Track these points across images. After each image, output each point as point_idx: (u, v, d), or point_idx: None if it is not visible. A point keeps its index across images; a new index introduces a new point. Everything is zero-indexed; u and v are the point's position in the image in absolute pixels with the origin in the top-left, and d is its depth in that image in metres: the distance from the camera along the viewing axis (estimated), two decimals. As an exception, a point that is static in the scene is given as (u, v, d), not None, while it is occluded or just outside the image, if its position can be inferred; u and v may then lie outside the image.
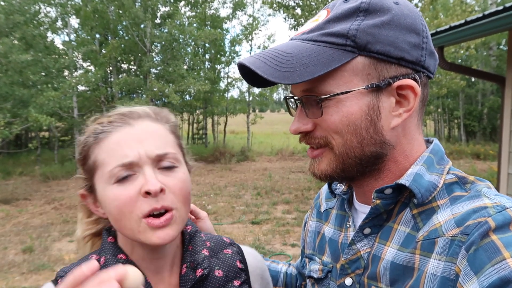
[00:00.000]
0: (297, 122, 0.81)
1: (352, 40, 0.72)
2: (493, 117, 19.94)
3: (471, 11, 14.68)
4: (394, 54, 0.73)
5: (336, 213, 0.98)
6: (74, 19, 15.42)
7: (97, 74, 13.08)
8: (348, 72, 0.73)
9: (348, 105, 0.74)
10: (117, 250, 0.90)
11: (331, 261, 0.92)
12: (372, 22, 0.72)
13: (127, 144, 0.82)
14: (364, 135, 0.75)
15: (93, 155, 0.86)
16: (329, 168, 0.80)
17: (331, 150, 0.78)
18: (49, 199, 9.83)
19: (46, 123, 10.93)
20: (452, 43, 4.94)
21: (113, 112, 0.91)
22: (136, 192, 0.80)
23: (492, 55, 19.26)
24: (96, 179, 0.86)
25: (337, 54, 0.72)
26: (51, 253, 6.14)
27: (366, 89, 0.73)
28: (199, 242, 0.97)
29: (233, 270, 0.98)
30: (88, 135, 0.88)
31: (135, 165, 0.81)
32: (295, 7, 14.07)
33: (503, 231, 0.62)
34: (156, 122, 0.89)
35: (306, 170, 13.68)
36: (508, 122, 4.60)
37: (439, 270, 0.67)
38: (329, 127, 0.76)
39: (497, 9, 3.77)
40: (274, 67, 0.73)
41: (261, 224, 7.57)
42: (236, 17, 19.33)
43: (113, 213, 0.82)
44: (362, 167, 0.78)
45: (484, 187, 0.73)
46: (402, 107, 0.76)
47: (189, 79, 14.18)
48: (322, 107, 0.75)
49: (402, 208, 0.78)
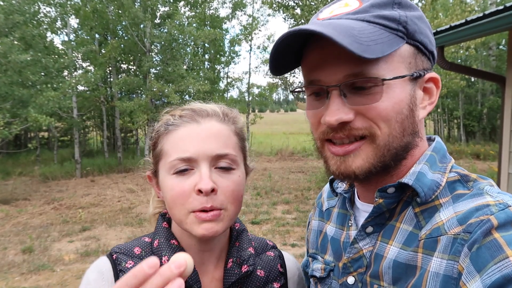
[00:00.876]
0: (338, 111, 0.71)
1: (404, 26, 0.72)
2: (493, 117, 19.95)
3: (470, 11, 14.68)
4: (429, 47, 0.77)
5: (338, 211, 0.97)
6: (73, 19, 15.43)
7: (96, 74, 13.08)
8: (397, 58, 0.72)
9: (398, 92, 0.72)
10: (170, 235, 0.96)
11: (333, 260, 0.92)
12: (413, 14, 0.74)
13: (190, 140, 0.88)
14: (406, 124, 0.74)
15: (160, 144, 0.93)
16: (367, 163, 0.74)
17: (372, 141, 0.73)
18: (49, 199, 9.83)
19: (45, 123, 10.94)
20: (452, 42, 4.93)
21: (187, 106, 0.96)
22: (190, 187, 0.85)
23: (491, 55, 19.27)
24: (160, 166, 0.93)
25: (392, 37, 0.71)
26: (51, 253, 6.13)
27: (411, 77, 0.74)
28: (246, 240, 1.01)
29: (274, 272, 1.02)
30: (161, 125, 0.95)
31: (193, 161, 0.86)
32: (295, 7, 14.07)
33: (506, 229, 0.61)
34: (222, 122, 0.93)
35: (306, 170, 13.69)
36: (509, 121, 4.60)
37: (442, 269, 0.66)
38: (379, 114, 0.71)
39: (498, 9, 3.77)
40: (350, 38, 0.66)
41: (261, 224, 7.56)
42: (236, 17, 19.33)
43: (168, 200, 0.89)
44: (397, 159, 0.76)
45: (486, 185, 0.72)
46: (425, 100, 0.78)
47: (188, 79, 14.18)
48: (378, 92, 0.70)
49: (405, 207, 0.78)
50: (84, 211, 8.61)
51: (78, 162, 13.33)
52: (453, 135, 21.86)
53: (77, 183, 12.12)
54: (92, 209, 8.88)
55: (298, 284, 1.08)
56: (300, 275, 1.09)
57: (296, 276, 1.08)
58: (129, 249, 0.96)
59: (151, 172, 0.99)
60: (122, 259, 0.92)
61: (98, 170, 13.61)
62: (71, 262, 5.80)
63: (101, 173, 13.51)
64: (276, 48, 0.73)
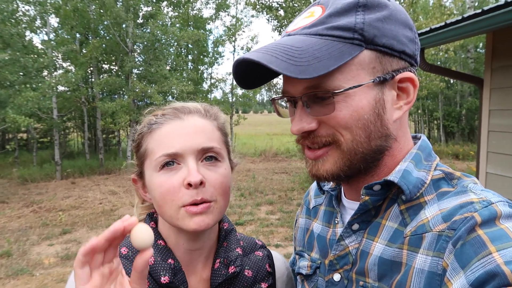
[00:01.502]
0: (300, 122, 0.76)
1: (360, 34, 0.72)
2: (471, 118, 20.43)
3: (450, 14, 15.02)
4: (397, 48, 0.75)
5: (325, 209, 0.98)
6: (53, 18, 15.09)
7: (77, 74, 12.83)
8: (355, 66, 0.73)
9: (357, 99, 0.73)
10: (157, 236, 0.95)
11: (320, 257, 0.92)
12: (375, 16, 0.73)
13: (174, 136, 0.88)
14: (372, 129, 0.75)
15: (145, 144, 0.93)
16: (335, 167, 0.77)
17: (338, 147, 0.76)
18: (28, 202, 9.59)
19: (24, 124, 10.67)
20: (432, 45, 5.03)
21: (168, 106, 0.97)
22: (179, 182, 0.85)
23: (470, 57, 19.74)
24: (146, 166, 0.93)
25: (346, 47, 0.72)
26: (30, 257, 5.98)
27: (374, 82, 0.74)
28: (234, 240, 1.01)
29: (262, 272, 1.02)
30: (143, 125, 0.96)
31: (179, 156, 0.87)
32: (279, 8, 14.11)
33: (489, 226, 0.62)
34: (205, 118, 0.95)
35: (289, 171, 13.74)
36: (486, 122, 4.72)
37: (427, 265, 0.67)
38: (338, 123, 0.74)
39: (476, 12, 3.86)
40: (287, 61, 0.69)
41: (245, 225, 7.56)
42: (219, 18, 19.27)
43: (157, 198, 0.88)
44: (366, 163, 0.78)
45: (470, 183, 0.74)
46: (401, 100, 0.78)
47: (171, 80, 14.06)
48: (333, 103, 0.72)
49: (390, 204, 0.79)
50: (64, 213, 8.43)
51: (58, 164, 13.05)
52: (433, 136, 22.28)
53: (57, 185, 11.86)
54: (73, 211, 8.71)
55: (287, 284, 1.08)
56: (289, 275, 1.09)
57: (285, 276, 1.08)
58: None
59: (136, 174, 0.98)
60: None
61: (79, 172, 13.35)
62: (51, 266, 5.67)
63: (82, 175, 13.26)
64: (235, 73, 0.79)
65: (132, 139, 1.01)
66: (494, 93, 4.61)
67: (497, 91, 4.57)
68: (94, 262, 0.64)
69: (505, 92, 4.44)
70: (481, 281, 0.56)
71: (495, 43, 4.58)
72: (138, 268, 0.65)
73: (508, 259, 0.56)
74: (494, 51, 4.60)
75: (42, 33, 15.22)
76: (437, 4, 15.64)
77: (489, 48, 4.68)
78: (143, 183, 0.96)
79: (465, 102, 20.44)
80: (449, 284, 0.61)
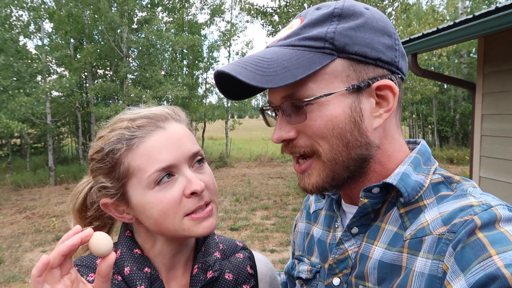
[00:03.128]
0: (279, 130, 0.79)
1: (330, 43, 0.73)
2: (465, 122, 20.59)
3: (442, 20, 15.18)
4: (371, 55, 0.74)
5: (325, 213, 0.98)
6: (47, 23, 15.05)
7: (71, 80, 12.78)
8: (328, 75, 0.73)
9: (331, 108, 0.73)
10: (133, 245, 0.92)
11: (319, 261, 0.92)
12: (348, 25, 0.74)
13: (163, 148, 0.84)
14: (349, 138, 0.75)
15: (125, 162, 0.84)
16: (319, 180, 0.78)
17: (319, 158, 0.77)
18: (21, 208, 9.49)
19: (17, 129, 10.58)
20: (425, 50, 5.07)
21: (134, 115, 0.89)
22: (179, 194, 0.83)
23: (463, 62, 19.94)
24: (130, 186, 0.85)
25: (317, 57, 0.73)
26: (23, 264, 5.91)
27: (347, 90, 0.74)
28: (212, 244, 1.00)
29: (243, 275, 1.00)
30: (115, 142, 0.85)
31: (173, 167, 0.84)
32: (273, 14, 14.19)
33: (489, 229, 0.63)
34: (179, 122, 0.92)
35: (285, 176, 13.74)
36: (479, 127, 4.76)
37: (427, 268, 0.67)
38: (314, 133, 0.75)
39: (467, 18, 3.90)
40: (255, 72, 0.71)
41: (240, 230, 7.53)
42: (214, 23, 19.33)
43: (155, 216, 0.84)
44: (350, 172, 0.78)
45: (469, 187, 0.74)
46: (381, 107, 0.78)
47: (166, 85, 14.04)
48: (306, 112, 0.74)
49: (390, 208, 0.79)
50: (58, 219, 8.35)
51: (52, 170, 12.95)
52: (428, 140, 22.41)
53: (50, 191, 11.77)
54: (67, 217, 8.55)
55: (271, 285, 1.07)
56: (272, 276, 1.08)
57: (268, 277, 1.07)
58: (91, 261, 0.93)
59: (110, 197, 0.88)
60: (83, 272, 0.89)
61: (73, 177, 13.25)
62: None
63: (76, 180, 13.14)
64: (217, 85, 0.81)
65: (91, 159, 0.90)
66: (486, 97, 4.66)
67: (489, 95, 4.62)
68: (53, 278, 0.63)
69: (497, 96, 4.49)
70: (481, 284, 0.57)
71: (487, 48, 4.63)
72: (103, 273, 0.66)
73: (508, 262, 0.56)
74: (486, 56, 4.65)
75: (36, 38, 15.09)
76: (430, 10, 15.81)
77: (481, 53, 4.73)
78: (125, 204, 0.88)
79: (459, 106, 20.62)
80: (449, 287, 0.61)
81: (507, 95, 4.33)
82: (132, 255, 0.90)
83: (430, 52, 14.67)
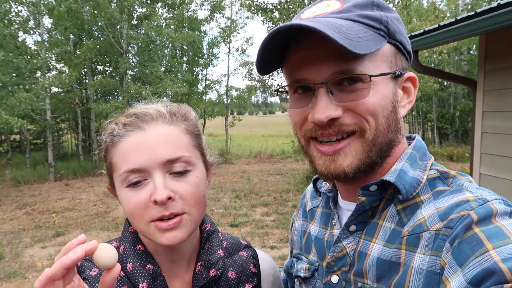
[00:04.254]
0: (326, 108, 0.71)
1: (385, 26, 0.74)
2: (465, 119, 20.58)
3: (443, 17, 15.13)
4: (407, 48, 0.79)
5: (321, 211, 0.98)
6: (47, 19, 14.99)
7: (71, 76, 12.74)
8: (380, 56, 0.74)
9: (382, 88, 0.74)
10: (136, 241, 0.93)
11: (317, 259, 0.92)
12: (391, 15, 0.76)
13: (137, 150, 0.83)
14: (390, 120, 0.76)
15: (109, 157, 0.89)
16: (356, 160, 0.74)
17: (361, 137, 0.74)
18: (21, 204, 9.50)
19: (17, 125, 10.58)
20: (426, 47, 5.06)
21: (131, 111, 0.91)
22: (146, 199, 0.82)
23: (463, 60, 19.90)
24: (114, 178, 0.89)
25: (376, 35, 0.73)
26: (23, 260, 5.92)
27: (394, 74, 0.75)
28: (216, 242, 0.99)
29: (246, 273, 1.00)
30: (107, 136, 0.90)
31: (144, 171, 0.82)
32: (273, 10, 14.14)
33: (486, 224, 0.62)
34: (170, 124, 0.88)
35: (284, 173, 13.74)
36: (480, 124, 4.75)
37: (425, 264, 0.67)
38: (367, 109, 0.72)
39: (469, 15, 3.88)
40: (340, 33, 0.66)
41: (240, 226, 7.54)
42: (214, 19, 19.28)
43: (126, 212, 0.86)
44: (381, 157, 0.77)
45: (465, 181, 0.74)
46: (404, 99, 0.80)
47: (166, 81, 14.03)
48: (369, 88, 0.71)
49: (387, 205, 0.79)
50: (58, 215, 8.36)
51: (51, 166, 12.95)
52: (427, 138, 22.40)
53: (50, 187, 11.77)
54: (67, 213, 8.64)
55: (273, 284, 1.06)
56: (275, 275, 1.07)
57: (271, 276, 1.06)
58: None
59: (109, 184, 0.94)
60: (86, 267, 0.89)
61: (73, 173, 13.26)
62: (44, 269, 5.60)
63: (76, 176, 13.17)
64: (264, 45, 0.73)
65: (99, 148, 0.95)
66: (487, 95, 4.65)
67: (490, 93, 4.61)
68: None
69: (498, 93, 4.48)
70: (478, 279, 0.57)
71: (488, 45, 4.62)
72: (107, 285, 0.65)
73: (505, 256, 0.56)
74: (487, 53, 4.63)
75: (35, 34, 15.07)
76: (430, 7, 15.76)
77: (482, 50, 4.71)
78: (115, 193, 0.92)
79: (458, 104, 20.60)
80: (447, 282, 0.61)
81: (508, 92, 4.32)
82: (135, 251, 0.90)
83: (431, 49, 14.64)
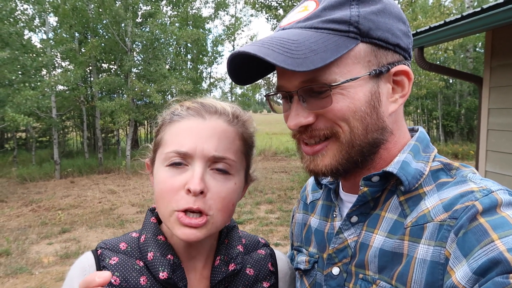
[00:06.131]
0: (297, 116, 0.75)
1: (355, 27, 0.72)
2: (470, 117, 20.46)
3: (449, 14, 15.02)
4: (392, 41, 0.75)
5: (322, 203, 0.98)
6: (52, 17, 15.07)
7: (76, 73, 12.80)
8: (351, 59, 0.73)
9: (353, 92, 0.73)
10: (157, 231, 0.93)
11: (317, 251, 0.92)
12: (369, 9, 0.73)
13: (190, 134, 0.84)
14: (368, 121, 0.75)
15: (162, 133, 0.90)
16: (333, 161, 0.76)
17: (337, 140, 0.75)
18: (27, 201, 9.58)
19: (23, 123, 10.65)
20: (431, 43, 5.03)
21: (198, 99, 0.93)
22: (181, 184, 0.82)
23: (469, 57, 19.76)
24: (157, 155, 0.90)
25: (342, 40, 0.71)
26: (29, 256, 5.97)
27: (370, 75, 0.74)
28: (236, 237, 0.99)
29: (264, 271, 0.99)
30: (167, 113, 0.93)
31: (188, 156, 0.83)
32: (278, 7, 14.11)
33: (491, 214, 0.62)
34: (229, 123, 0.89)
35: (289, 170, 13.74)
36: (485, 121, 4.72)
37: (429, 255, 0.67)
38: (335, 115, 0.73)
39: (475, 11, 3.85)
40: (284, 54, 0.68)
41: (245, 224, 7.55)
42: (219, 17, 19.27)
43: (156, 192, 0.86)
44: (363, 156, 0.77)
45: (469, 173, 0.74)
46: (397, 93, 0.78)
47: (171, 79, 14.05)
48: (331, 96, 0.72)
49: (389, 196, 0.79)
50: (63, 212, 8.41)
51: (57, 163, 13.03)
52: (433, 135, 22.29)
53: (56, 184, 11.85)
54: (72, 210, 8.70)
55: (290, 284, 1.05)
56: (292, 275, 1.07)
57: (288, 276, 1.05)
58: (115, 245, 0.93)
59: (150, 159, 0.95)
60: (106, 255, 0.90)
61: (78, 171, 13.34)
62: (50, 265, 5.66)
63: (81, 174, 13.25)
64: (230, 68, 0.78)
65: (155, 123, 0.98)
66: (493, 91, 4.61)
67: (496, 89, 4.57)
68: None
69: (504, 90, 4.44)
70: (484, 269, 0.56)
71: (494, 41, 4.58)
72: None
73: (511, 246, 0.56)
74: (493, 49, 4.59)
75: (40, 32, 15.10)
76: (436, 4, 15.65)
77: (488, 47, 4.68)
78: (152, 170, 0.93)
79: (464, 101, 20.47)
80: (452, 272, 0.61)
81: (514, 88, 4.29)
82: (156, 241, 0.90)
83: (436, 46, 14.54)
